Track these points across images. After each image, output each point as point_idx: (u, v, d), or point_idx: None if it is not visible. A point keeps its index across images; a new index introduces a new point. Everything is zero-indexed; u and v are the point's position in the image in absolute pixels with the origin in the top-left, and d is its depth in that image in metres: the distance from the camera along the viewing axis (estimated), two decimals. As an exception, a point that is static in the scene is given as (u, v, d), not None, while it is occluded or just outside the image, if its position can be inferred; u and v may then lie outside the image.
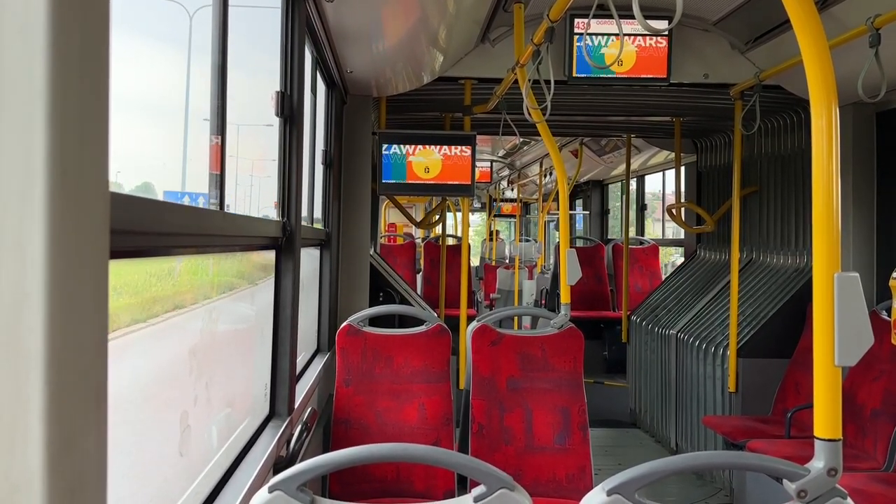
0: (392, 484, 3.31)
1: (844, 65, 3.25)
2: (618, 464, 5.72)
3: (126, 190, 1.61)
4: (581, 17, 4.19)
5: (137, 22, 1.58)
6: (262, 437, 2.40)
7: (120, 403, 1.32)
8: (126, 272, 1.41)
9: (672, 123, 6.26)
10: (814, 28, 1.42)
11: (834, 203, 1.41)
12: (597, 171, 9.78)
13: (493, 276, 11.27)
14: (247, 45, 2.56)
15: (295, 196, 2.76)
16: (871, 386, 4.08)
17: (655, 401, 6.37)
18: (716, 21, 4.46)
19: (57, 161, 0.57)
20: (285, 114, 2.75)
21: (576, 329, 3.53)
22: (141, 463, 1.63)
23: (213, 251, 2.05)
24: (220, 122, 1.91)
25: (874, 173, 4.68)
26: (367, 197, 4.96)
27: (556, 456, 3.36)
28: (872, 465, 3.84)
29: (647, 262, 8.76)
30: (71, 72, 0.59)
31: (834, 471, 1.40)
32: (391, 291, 5.26)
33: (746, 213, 5.78)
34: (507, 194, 15.47)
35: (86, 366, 0.63)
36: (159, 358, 1.82)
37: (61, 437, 0.58)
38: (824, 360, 1.42)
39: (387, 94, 4.95)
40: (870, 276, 4.64)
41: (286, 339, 2.66)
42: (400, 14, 3.33)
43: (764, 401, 4.92)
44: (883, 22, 3.16)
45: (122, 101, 1.63)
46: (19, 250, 0.56)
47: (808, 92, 1.44)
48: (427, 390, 3.46)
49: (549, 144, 3.84)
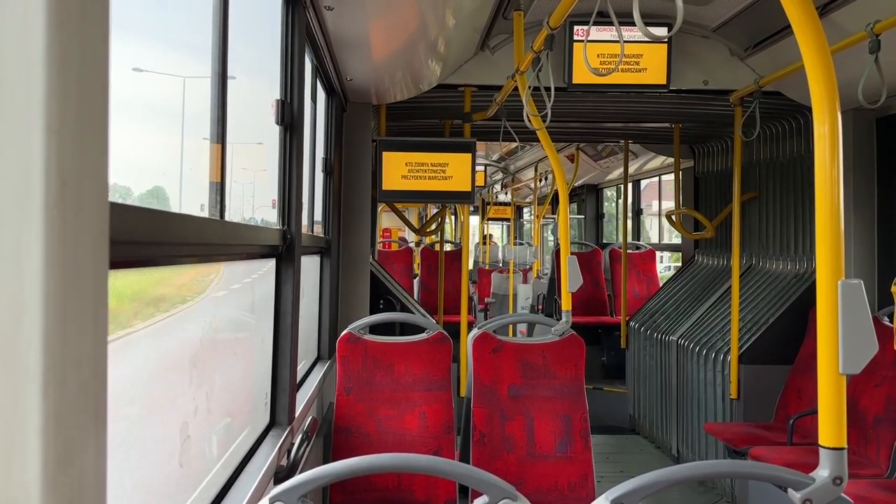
0: (393, 493, 3.30)
1: (844, 71, 3.25)
2: (620, 471, 5.70)
3: (136, 196, 1.60)
4: (581, 24, 4.20)
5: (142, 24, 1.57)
6: (263, 447, 2.39)
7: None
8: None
9: (670, 129, 6.27)
10: (816, 33, 1.42)
11: (837, 210, 1.40)
12: (592, 175, 9.78)
13: (488, 279, 11.26)
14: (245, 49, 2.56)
15: (295, 204, 2.75)
16: (874, 392, 4.06)
17: (656, 407, 6.35)
18: (715, 27, 4.47)
19: (56, 170, 0.57)
20: (285, 121, 2.75)
21: (577, 336, 3.51)
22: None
23: (214, 260, 2.04)
24: (220, 131, 1.90)
25: (874, 179, 4.68)
26: (367, 204, 4.96)
27: (558, 464, 3.35)
28: (876, 472, 3.82)
29: (644, 268, 8.76)
30: (70, 79, 0.58)
31: (839, 479, 1.39)
32: (391, 299, 5.25)
33: (746, 218, 5.78)
34: (500, 198, 15.49)
35: (85, 379, 0.62)
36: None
37: (59, 452, 0.57)
38: (828, 368, 1.41)
39: (386, 101, 4.96)
40: (871, 282, 4.63)
41: (286, 347, 2.65)
42: (400, 22, 3.34)
43: (766, 407, 4.90)
44: (882, 28, 3.16)
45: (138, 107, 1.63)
46: (17, 261, 0.55)
47: (809, 98, 1.43)
48: (428, 398, 3.45)
49: (549, 151, 3.84)
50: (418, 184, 4.84)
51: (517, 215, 14.80)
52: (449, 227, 13.22)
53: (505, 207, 14.95)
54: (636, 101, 5.04)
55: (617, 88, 4.43)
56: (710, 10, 4.26)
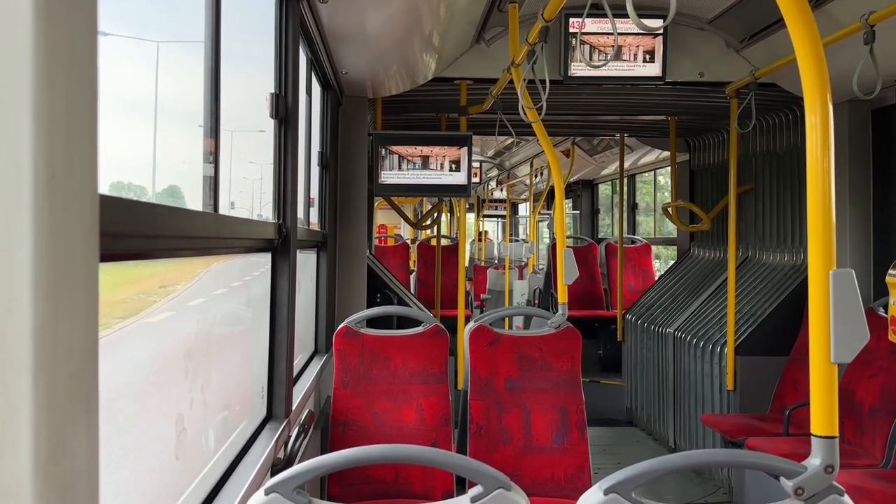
0: (390, 485, 3.31)
1: (839, 62, 3.26)
2: (617, 462, 5.72)
3: (151, 193, 1.59)
4: (575, 16, 4.19)
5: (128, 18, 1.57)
6: (260, 440, 2.40)
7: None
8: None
9: (666, 122, 6.27)
10: (807, 26, 1.42)
11: (828, 200, 1.40)
12: (587, 170, 9.79)
13: (483, 276, 11.26)
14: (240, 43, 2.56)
15: (291, 198, 2.76)
16: (869, 382, 4.08)
17: (653, 399, 6.37)
18: (711, 19, 4.47)
19: (45, 163, 0.57)
20: (280, 115, 2.74)
21: (573, 329, 3.52)
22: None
23: (207, 253, 2.04)
24: (213, 124, 1.90)
25: (870, 170, 4.69)
26: (363, 198, 4.96)
27: (555, 456, 3.36)
28: (870, 462, 3.84)
29: (639, 261, 8.79)
30: (58, 70, 0.59)
31: (831, 468, 1.40)
32: (388, 293, 5.25)
33: (742, 210, 5.79)
34: (495, 195, 15.49)
35: (76, 369, 0.62)
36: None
37: (52, 440, 0.58)
38: (820, 357, 1.42)
39: (382, 95, 4.95)
40: (867, 272, 4.64)
41: (283, 341, 2.66)
42: (395, 15, 3.33)
43: (762, 398, 4.92)
44: (877, 19, 3.16)
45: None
46: (7, 253, 0.56)
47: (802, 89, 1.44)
48: (425, 391, 3.46)
49: (544, 144, 3.84)
50: (414, 177, 4.84)
51: (512, 212, 14.80)
52: (445, 221, 13.23)
53: (499, 203, 14.97)
54: (632, 94, 5.04)
55: (612, 81, 4.43)
56: (706, 2, 4.26)
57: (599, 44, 4.26)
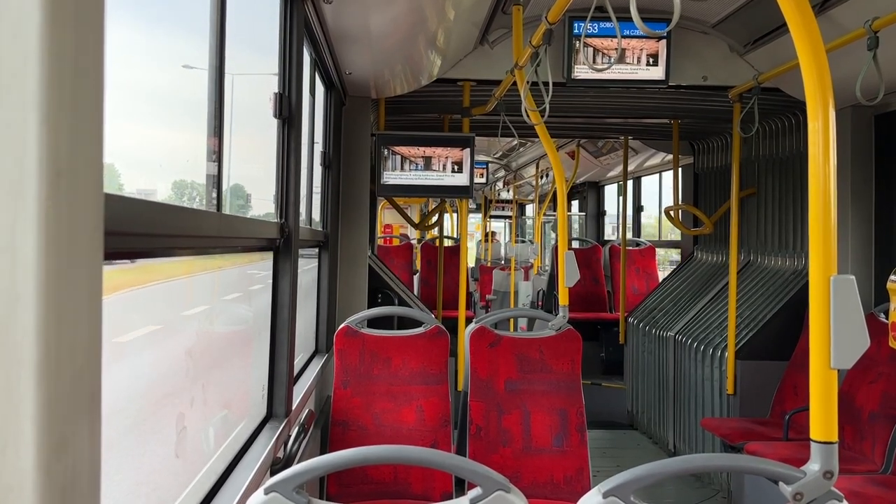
0: (390, 486, 3.31)
1: (843, 67, 3.26)
2: (616, 465, 5.71)
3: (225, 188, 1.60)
4: (579, 19, 4.20)
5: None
6: (259, 439, 2.40)
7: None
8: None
9: (670, 125, 6.27)
10: (810, 31, 1.42)
11: (830, 205, 1.41)
12: (593, 172, 9.79)
13: (489, 277, 11.26)
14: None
15: (293, 197, 2.76)
16: (869, 388, 4.08)
17: (653, 403, 6.37)
18: (715, 23, 4.47)
19: (50, 162, 0.57)
20: (283, 115, 2.75)
21: (574, 331, 3.52)
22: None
23: (210, 253, 2.05)
24: (217, 123, 1.91)
25: (872, 176, 4.68)
26: (365, 198, 4.96)
27: (554, 458, 3.36)
28: (870, 468, 3.84)
29: (643, 264, 8.77)
30: (65, 70, 0.59)
31: (830, 473, 1.40)
32: (389, 293, 5.25)
33: (744, 215, 5.78)
34: (502, 195, 15.48)
35: (79, 367, 0.63)
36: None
37: (54, 439, 0.58)
38: (820, 363, 1.42)
39: (386, 95, 4.95)
40: (868, 278, 4.64)
41: (284, 340, 2.66)
42: (399, 16, 3.33)
43: (762, 403, 4.91)
44: (881, 25, 3.16)
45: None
46: (12, 252, 0.56)
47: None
48: (425, 392, 3.46)
49: (547, 146, 3.85)
50: (416, 178, 4.84)
51: (519, 212, 14.79)
52: (450, 222, 13.23)
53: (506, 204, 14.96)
54: (635, 97, 5.05)
55: (616, 84, 4.43)
56: (710, 6, 4.26)
57: (603, 47, 4.27)
